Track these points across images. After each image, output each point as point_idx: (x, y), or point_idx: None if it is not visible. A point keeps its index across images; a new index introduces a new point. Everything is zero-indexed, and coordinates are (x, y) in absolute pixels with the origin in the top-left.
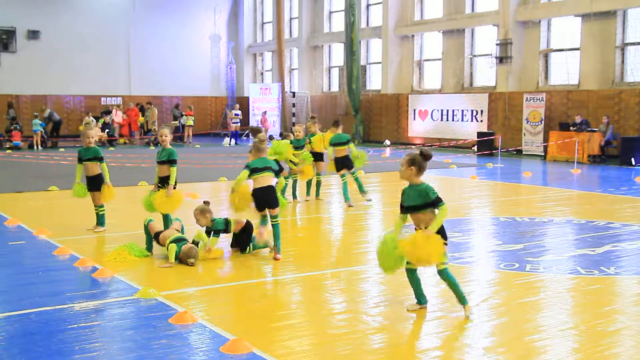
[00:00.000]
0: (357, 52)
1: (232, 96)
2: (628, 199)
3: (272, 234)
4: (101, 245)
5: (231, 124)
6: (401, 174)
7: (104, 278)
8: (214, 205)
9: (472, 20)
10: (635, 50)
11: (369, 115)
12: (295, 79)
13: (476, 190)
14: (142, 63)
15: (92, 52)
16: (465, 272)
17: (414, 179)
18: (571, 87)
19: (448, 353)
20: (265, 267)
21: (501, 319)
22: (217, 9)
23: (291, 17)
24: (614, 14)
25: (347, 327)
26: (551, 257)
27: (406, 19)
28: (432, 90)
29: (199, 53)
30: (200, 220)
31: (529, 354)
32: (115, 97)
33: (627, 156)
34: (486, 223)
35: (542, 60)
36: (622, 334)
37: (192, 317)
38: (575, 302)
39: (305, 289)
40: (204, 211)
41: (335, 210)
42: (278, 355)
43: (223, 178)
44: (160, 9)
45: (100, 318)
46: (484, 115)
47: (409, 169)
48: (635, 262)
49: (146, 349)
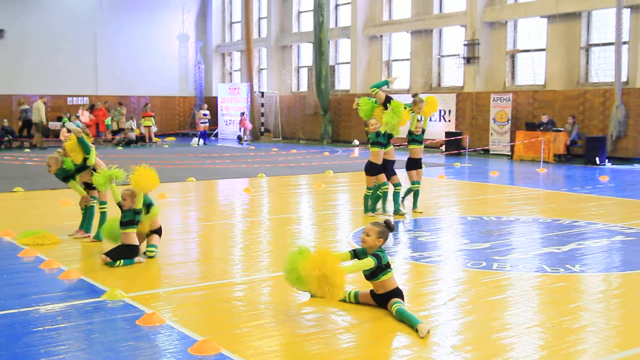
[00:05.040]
0: (325, 52)
1: (201, 96)
2: (593, 197)
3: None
4: (68, 247)
5: (199, 124)
6: (367, 244)
7: (71, 280)
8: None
9: (440, 20)
10: (600, 51)
11: (337, 115)
12: (264, 79)
13: (444, 190)
14: (110, 63)
15: (58, 51)
16: (433, 271)
17: (375, 248)
18: (537, 87)
19: (416, 352)
20: (233, 267)
21: (468, 317)
22: (186, 8)
23: (260, 17)
24: (579, 15)
25: (316, 326)
26: (518, 256)
27: (375, 19)
28: (400, 91)
29: (167, 53)
30: (127, 201)
31: (496, 351)
32: (82, 97)
33: (591, 155)
34: (454, 222)
35: (509, 60)
36: (587, 331)
37: (159, 318)
38: (542, 300)
39: (274, 290)
40: (134, 195)
41: (304, 210)
42: (247, 355)
43: (191, 178)
44: (128, 8)
45: (67, 320)
46: (452, 115)
47: (378, 240)
48: (600, 259)
49: (113, 351)
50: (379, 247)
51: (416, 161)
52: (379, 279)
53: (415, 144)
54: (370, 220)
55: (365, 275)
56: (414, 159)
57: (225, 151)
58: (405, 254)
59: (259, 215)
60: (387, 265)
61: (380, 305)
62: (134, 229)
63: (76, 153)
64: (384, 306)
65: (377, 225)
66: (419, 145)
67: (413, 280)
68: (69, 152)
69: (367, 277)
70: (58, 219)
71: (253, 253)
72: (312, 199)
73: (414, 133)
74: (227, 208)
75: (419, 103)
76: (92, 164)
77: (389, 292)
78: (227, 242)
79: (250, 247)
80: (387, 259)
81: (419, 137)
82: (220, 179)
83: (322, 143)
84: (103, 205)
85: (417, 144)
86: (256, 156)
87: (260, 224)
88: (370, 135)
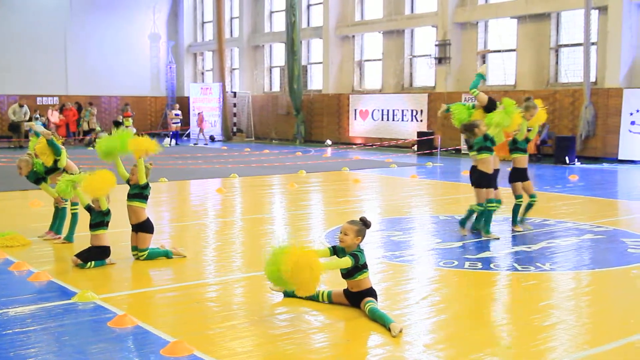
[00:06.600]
0: (298, 52)
1: (172, 96)
2: (562, 196)
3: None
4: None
5: (171, 124)
6: (345, 243)
7: (41, 282)
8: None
9: (412, 21)
10: (569, 51)
11: (310, 115)
12: (236, 79)
13: (416, 189)
14: (80, 62)
15: (27, 51)
16: (406, 270)
17: (353, 247)
18: (508, 88)
19: (389, 351)
20: (206, 268)
21: (441, 315)
22: (157, 7)
23: (232, 17)
24: (548, 16)
25: (289, 326)
26: (489, 254)
27: (347, 19)
28: (372, 91)
29: (138, 52)
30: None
31: (468, 350)
32: (51, 97)
33: (561, 155)
34: (426, 221)
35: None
36: (557, 328)
37: (131, 320)
38: (513, 298)
39: (247, 290)
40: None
41: (277, 210)
42: (220, 356)
43: (163, 179)
44: (98, 6)
45: (37, 323)
46: (424, 115)
47: (356, 238)
48: (569, 258)
49: (84, 354)
50: (357, 245)
51: (522, 171)
52: (355, 277)
53: (520, 153)
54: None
55: (341, 273)
56: (519, 168)
57: (198, 151)
58: (378, 253)
59: (232, 215)
60: (364, 265)
61: (354, 305)
62: (104, 230)
63: (46, 155)
64: (357, 305)
65: (354, 223)
66: (523, 154)
67: (386, 279)
68: (39, 154)
69: (344, 276)
70: (28, 220)
71: (226, 254)
72: (285, 199)
73: (518, 140)
74: (199, 209)
75: (532, 109)
76: (63, 165)
77: (363, 291)
78: (199, 242)
79: (223, 248)
80: (364, 259)
81: (522, 144)
82: (192, 179)
83: (295, 143)
84: (75, 206)
85: (521, 153)
86: (229, 156)
87: (233, 225)
88: (476, 139)
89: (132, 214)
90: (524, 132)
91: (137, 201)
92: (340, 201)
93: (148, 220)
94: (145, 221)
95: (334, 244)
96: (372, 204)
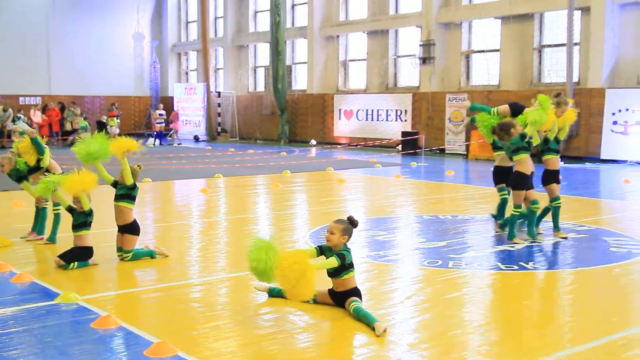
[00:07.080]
0: (282, 52)
1: (156, 96)
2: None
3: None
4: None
5: (155, 124)
6: (332, 243)
7: (23, 283)
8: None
9: (396, 21)
10: (552, 52)
11: (294, 115)
12: (220, 79)
13: (400, 189)
14: (63, 62)
15: (9, 50)
16: (390, 269)
17: (340, 246)
18: (492, 88)
19: (373, 350)
20: (190, 268)
21: (425, 315)
22: (141, 7)
23: (216, 17)
24: (532, 16)
25: (273, 327)
26: (473, 254)
27: (331, 19)
28: (357, 90)
29: (122, 52)
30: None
31: (452, 349)
32: (34, 96)
33: None
34: (410, 221)
35: (464, 61)
36: (541, 327)
37: (114, 321)
38: (496, 297)
39: (232, 290)
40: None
41: (262, 210)
42: (204, 357)
43: (147, 179)
44: (81, 6)
45: (19, 325)
46: (408, 115)
47: (342, 237)
48: (552, 257)
49: (67, 355)
50: (344, 244)
51: (554, 173)
52: (341, 276)
53: (552, 154)
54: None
55: (327, 271)
56: (551, 170)
57: (182, 151)
58: (363, 253)
59: (216, 215)
60: (350, 264)
61: (338, 304)
62: (87, 231)
63: (29, 154)
64: (341, 305)
65: (341, 222)
66: (555, 154)
67: (370, 279)
68: (22, 153)
69: (330, 275)
70: (10, 221)
71: (210, 254)
72: (269, 199)
73: (550, 140)
74: (183, 209)
75: (564, 105)
76: (46, 165)
77: (348, 291)
78: (184, 243)
79: (207, 248)
80: (351, 259)
81: (553, 144)
82: (176, 180)
83: (280, 143)
84: (57, 207)
85: (553, 154)
86: (213, 156)
87: (218, 225)
88: (513, 139)
89: (119, 215)
90: (555, 131)
91: (124, 202)
92: (325, 201)
93: (135, 221)
94: (132, 223)
95: (319, 243)
96: (357, 203)
